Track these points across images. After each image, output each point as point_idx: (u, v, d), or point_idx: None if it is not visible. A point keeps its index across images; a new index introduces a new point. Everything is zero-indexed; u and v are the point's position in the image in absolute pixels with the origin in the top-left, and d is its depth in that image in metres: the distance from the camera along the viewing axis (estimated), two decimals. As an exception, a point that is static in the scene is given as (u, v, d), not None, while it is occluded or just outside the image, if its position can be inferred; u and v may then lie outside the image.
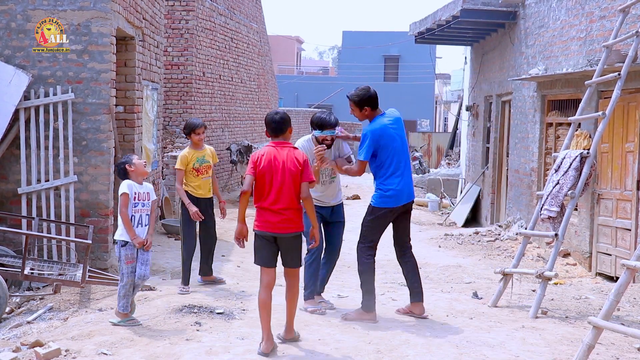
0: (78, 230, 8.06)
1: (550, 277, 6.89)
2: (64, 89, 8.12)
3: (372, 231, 6.30)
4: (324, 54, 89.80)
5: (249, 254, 7.33)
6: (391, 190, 6.18)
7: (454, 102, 36.38)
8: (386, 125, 6.21)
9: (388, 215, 6.28)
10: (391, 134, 6.19)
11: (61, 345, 5.29)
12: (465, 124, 18.90)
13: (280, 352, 5.25)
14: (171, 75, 15.87)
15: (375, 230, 6.31)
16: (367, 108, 6.24)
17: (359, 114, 6.29)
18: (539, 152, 11.60)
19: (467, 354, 5.34)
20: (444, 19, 14.52)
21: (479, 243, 12.04)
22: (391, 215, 6.30)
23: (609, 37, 8.39)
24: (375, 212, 6.26)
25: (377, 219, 6.27)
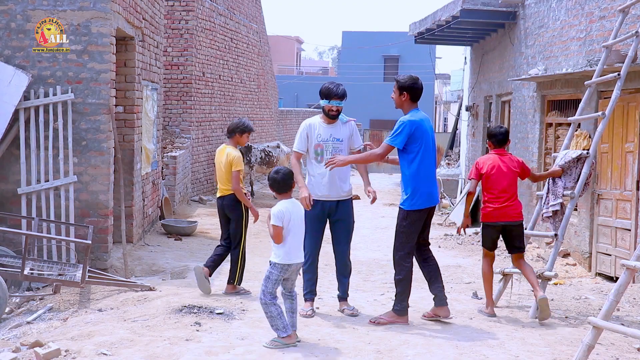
0: (78, 230, 8.06)
1: (550, 277, 6.89)
2: (63, 89, 8.12)
3: (409, 237, 6.16)
4: (323, 54, 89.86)
5: (248, 255, 7.36)
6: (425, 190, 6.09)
7: (454, 102, 36.38)
8: (422, 119, 6.14)
9: (423, 217, 6.18)
10: (427, 129, 6.12)
11: (61, 346, 5.29)
12: (465, 124, 18.89)
13: (280, 352, 5.25)
14: (171, 76, 15.87)
15: (413, 235, 6.17)
16: (407, 95, 6.15)
17: (397, 97, 6.20)
18: (539, 152, 11.60)
19: (467, 354, 5.34)
20: (443, 19, 14.52)
21: (479, 243, 12.03)
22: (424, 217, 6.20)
23: (608, 37, 8.39)
24: (411, 215, 6.12)
25: (413, 223, 6.14)
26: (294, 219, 5.48)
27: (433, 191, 6.14)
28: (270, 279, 5.47)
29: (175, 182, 13.93)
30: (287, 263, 5.46)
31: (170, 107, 15.90)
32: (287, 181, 5.55)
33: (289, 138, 27.98)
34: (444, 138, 32.24)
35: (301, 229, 5.59)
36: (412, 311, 6.68)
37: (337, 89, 6.42)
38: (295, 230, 5.49)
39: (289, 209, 5.48)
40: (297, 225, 5.51)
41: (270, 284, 5.46)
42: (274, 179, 5.56)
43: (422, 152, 6.06)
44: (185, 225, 11.81)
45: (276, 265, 5.46)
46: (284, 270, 5.47)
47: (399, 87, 6.19)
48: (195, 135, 16.48)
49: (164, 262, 9.35)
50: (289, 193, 5.56)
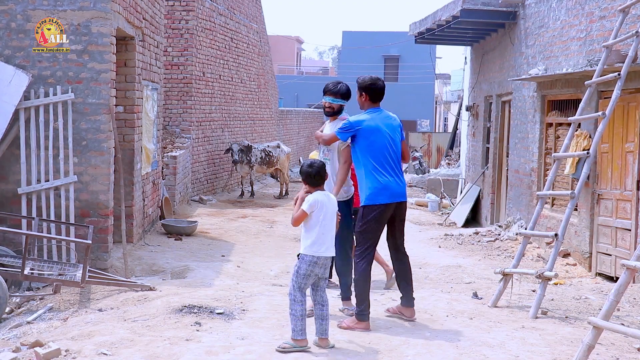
0: (78, 230, 8.06)
1: (550, 277, 6.88)
2: (64, 89, 8.12)
3: (366, 234, 6.12)
4: (323, 54, 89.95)
5: (249, 254, 7.37)
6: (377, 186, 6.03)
7: (454, 102, 36.39)
8: (370, 119, 6.16)
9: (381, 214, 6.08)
10: (377, 128, 6.13)
11: (61, 346, 5.29)
12: (465, 124, 18.90)
13: (280, 352, 5.25)
14: (171, 75, 15.87)
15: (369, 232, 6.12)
16: (366, 95, 6.25)
17: (358, 97, 6.31)
18: (539, 152, 11.60)
19: (467, 354, 5.34)
20: (443, 19, 14.52)
21: (479, 243, 12.04)
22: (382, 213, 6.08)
23: (609, 37, 8.39)
24: (366, 212, 6.07)
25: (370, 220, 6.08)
26: (326, 212, 5.44)
27: (394, 189, 6.03)
28: (299, 273, 5.35)
29: (175, 182, 13.93)
30: (315, 255, 5.35)
31: (170, 107, 15.90)
32: (321, 174, 5.52)
33: (289, 138, 27.98)
34: (444, 138, 32.30)
35: (332, 223, 5.50)
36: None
37: (331, 86, 6.50)
38: (326, 223, 5.42)
39: (324, 201, 5.45)
40: (329, 219, 5.45)
41: (300, 278, 5.33)
42: (309, 173, 5.51)
43: (371, 150, 6.05)
44: (186, 225, 11.82)
45: (305, 257, 5.36)
46: (312, 263, 5.33)
47: (358, 87, 6.30)
48: (196, 135, 16.48)
49: (164, 262, 9.35)
50: (322, 186, 5.56)
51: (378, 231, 6.10)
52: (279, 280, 8.73)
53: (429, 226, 14.93)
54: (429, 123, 45.79)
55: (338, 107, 6.51)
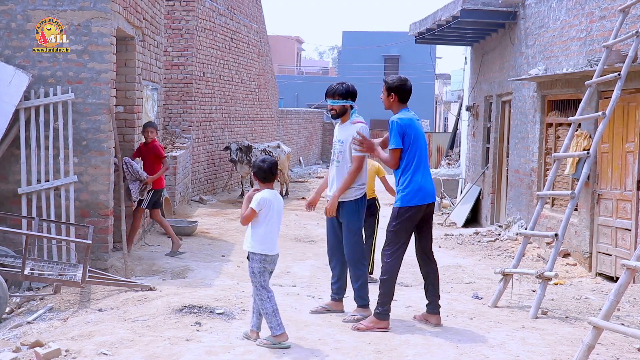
0: (78, 230, 8.06)
1: (550, 277, 6.89)
2: (64, 89, 8.12)
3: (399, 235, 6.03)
4: (324, 54, 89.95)
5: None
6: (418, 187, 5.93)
7: (454, 102, 36.39)
8: (412, 118, 6.15)
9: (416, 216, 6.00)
10: (417, 127, 6.10)
11: (61, 346, 5.29)
12: (465, 124, 18.90)
13: (280, 352, 5.25)
14: (171, 76, 15.87)
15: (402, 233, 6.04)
16: (395, 96, 6.20)
17: (386, 99, 6.21)
18: (539, 152, 11.60)
19: (467, 354, 5.34)
20: (444, 19, 14.52)
21: (479, 243, 12.04)
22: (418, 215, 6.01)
23: (609, 37, 8.39)
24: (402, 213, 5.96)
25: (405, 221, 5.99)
26: (274, 210, 5.53)
27: (428, 189, 5.98)
28: (255, 272, 5.47)
29: (175, 182, 13.93)
30: (264, 253, 5.48)
31: (170, 107, 15.90)
32: (273, 170, 5.63)
33: (289, 138, 27.98)
34: (444, 138, 32.28)
35: (279, 221, 5.62)
36: (413, 311, 6.69)
37: (329, 88, 6.39)
38: (274, 222, 5.54)
39: (271, 199, 5.54)
40: (276, 217, 5.56)
41: (258, 277, 5.46)
42: (260, 167, 5.61)
43: (413, 149, 5.98)
44: (186, 225, 11.82)
45: (255, 256, 5.49)
46: (263, 261, 5.48)
47: (387, 88, 6.21)
48: (196, 135, 16.48)
49: (164, 262, 9.35)
50: (272, 183, 5.65)
51: (410, 231, 6.08)
52: (278, 280, 8.73)
53: (429, 226, 14.90)
54: (429, 123, 45.77)
55: (340, 108, 6.33)
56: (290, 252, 10.89)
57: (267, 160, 5.67)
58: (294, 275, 9.14)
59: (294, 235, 12.53)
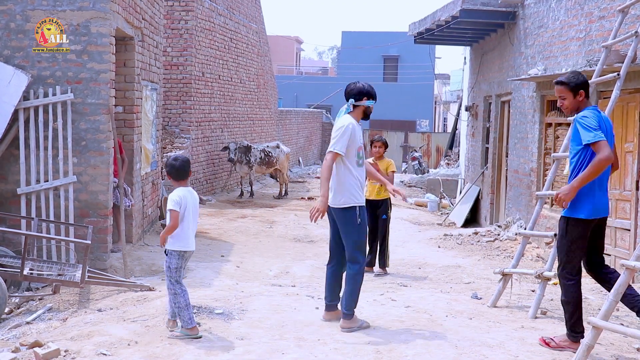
0: (77, 230, 8.06)
1: (549, 277, 6.88)
2: (63, 89, 8.12)
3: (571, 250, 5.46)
4: (323, 54, 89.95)
5: (248, 254, 7.36)
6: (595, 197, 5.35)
7: (454, 102, 36.40)
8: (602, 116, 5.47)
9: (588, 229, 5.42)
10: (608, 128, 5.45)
11: (60, 346, 5.29)
12: (465, 124, 18.91)
13: (279, 353, 5.25)
14: (170, 76, 15.87)
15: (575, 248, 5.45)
16: (583, 93, 5.52)
17: (572, 101, 5.53)
18: (539, 153, 11.60)
19: (467, 354, 5.34)
20: (443, 19, 14.53)
21: (479, 243, 12.04)
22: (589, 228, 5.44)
23: (608, 37, 8.39)
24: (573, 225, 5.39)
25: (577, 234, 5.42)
26: (189, 207, 5.68)
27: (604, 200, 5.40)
28: (172, 268, 5.66)
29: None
30: (183, 250, 5.67)
31: (169, 107, 15.90)
32: (185, 169, 5.74)
33: (288, 138, 27.98)
34: (443, 138, 32.32)
35: (195, 218, 5.78)
36: (412, 311, 6.69)
37: (371, 87, 6.14)
38: (189, 219, 5.69)
39: (186, 196, 5.68)
40: (192, 213, 5.71)
41: (173, 273, 5.66)
42: (172, 166, 5.70)
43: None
44: (185, 225, 11.78)
45: (173, 253, 5.66)
46: (180, 257, 5.67)
47: (575, 86, 5.53)
48: (195, 135, 16.48)
49: (164, 262, 9.33)
50: (186, 181, 5.77)
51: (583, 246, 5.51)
52: (278, 281, 8.73)
53: (428, 226, 14.92)
54: (429, 123, 45.80)
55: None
56: (290, 252, 10.89)
57: (179, 159, 5.76)
58: (293, 275, 9.14)
59: (294, 236, 12.53)
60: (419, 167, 27.77)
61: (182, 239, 5.67)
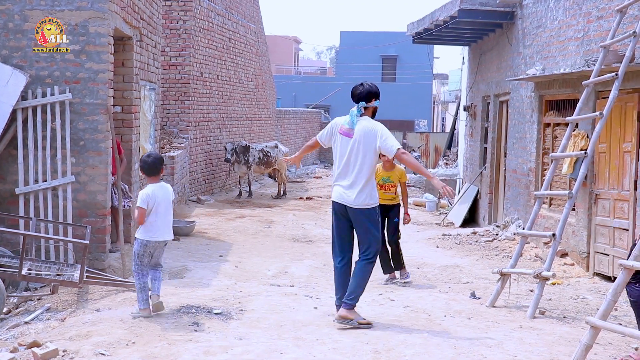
0: (76, 230, 8.05)
1: (547, 277, 6.89)
2: (61, 89, 8.11)
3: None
4: (321, 54, 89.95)
5: (246, 254, 7.38)
6: None
7: (452, 102, 36.43)
8: None
9: None
10: None
11: (59, 346, 5.29)
12: (463, 124, 18.91)
13: (278, 353, 5.25)
14: (169, 76, 15.86)
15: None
16: None
17: None
18: (537, 152, 11.61)
19: (465, 354, 5.34)
20: (441, 19, 14.53)
21: (477, 243, 12.05)
22: None
23: (606, 37, 8.40)
24: None
25: None
26: (159, 201, 6.23)
27: None
28: (135, 253, 6.31)
29: (173, 182, 13.93)
30: (145, 239, 6.25)
31: (168, 107, 15.89)
32: (157, 165, 6.27)
33: (287, 138, 27.97)
34: (442, 138, 32.32)
35: (168, 210, 6.34)
36: (411, 311, 6.69)
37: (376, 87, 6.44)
38: (159, 211, 6.25)
39: (155, 192, 6.21)
40: (162, 207, 6.26)
41: (137, 258, 6.30)
42: (145, 162, 6.24)
43: None
44: (183, 225, 11.81)
45: (137, 240, 6.29)
46: (143, 246, 6.25)
47: None
48: (194, 135, 16.48)
49: (162, 262, 9.32)
50: (157, 177, 6.28)
51: None
52: (276, 280, 8.73)
53: (426, 226, 14.93)
54: (427, 123, 45.81)
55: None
56: (288, 252, 10.89)
57: (151, 155, 6.30)
58: (291, 275, 9.14)
59: (292, 236, 12.53)
60: (418, 167, 27.73)
61: (148, 231, 6.22)
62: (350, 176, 6.11)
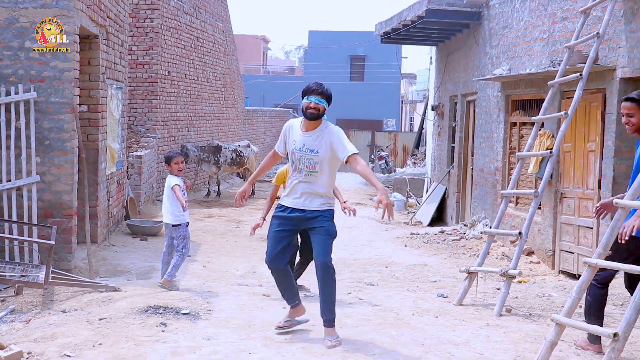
0: (41, 231, 7.95)
1: (514, 276, 6.96)
2: (26, 87, 8.00)
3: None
4: (290, 54, 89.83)
5: (215, 254, 7.35)
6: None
7: (420, 101, 36.60)
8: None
9: None
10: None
11: (23, 348, 5.21)
12: (431, 123, 19.02)
13: (246, 353, 5.24)
14: (136, 74, 15.73)
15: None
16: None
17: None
18: (504, 152, 11.72)
19: (433, 352, 5.38)
20: (409, 19, 14.60)
21: (445, 242, 12.13)
22: None
23: (571, 38, 8.51)
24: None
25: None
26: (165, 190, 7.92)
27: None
28: None
29: (140, 181, 13.82)
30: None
31: (135, 106, 15.75)
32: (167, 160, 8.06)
33: (256, 137, 27.90)
34: (410, 137, 32.47)
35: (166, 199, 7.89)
36: (379, 310, 6.70)
37: (316, 86, 5.66)
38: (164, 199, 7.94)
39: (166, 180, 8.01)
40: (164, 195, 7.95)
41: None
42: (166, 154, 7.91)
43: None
44: (151, 225, 11.72)
45: None
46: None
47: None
48: (161, 134, 16.35)
49: (129, 262, 9.27)
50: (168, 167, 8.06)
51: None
52: (245, 280, 8.70)
53: (395, 225, 14.99)
54: (395, 122, 46.01)
55: (323, 109, 5.63)
56: (257, 252, 10.85)
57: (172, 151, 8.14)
58: (260, 275, 9.12)
59: (261, 235, 12.39)
60: (386, 166, 27.87)
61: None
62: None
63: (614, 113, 8.22)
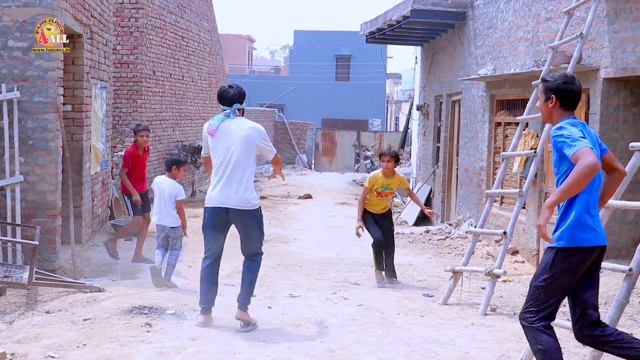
0: (25, 231, 7.90)
1: (499, 275, 6.99)
2: (9, 87, 7.95)
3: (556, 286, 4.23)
4: (275, 53, 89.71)
5: (201, 254, 7.29)
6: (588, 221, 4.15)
7: (405, 101, 36.69)
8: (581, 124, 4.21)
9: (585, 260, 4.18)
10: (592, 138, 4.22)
11: (6, 349, 5.18)
12: (416, 123, 19.07)
13: (231, 352, 5.23)
14: (120, 74, 15.66)
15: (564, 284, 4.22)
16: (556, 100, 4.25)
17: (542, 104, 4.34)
18: (488, 151, 11.77)
19: (418, 351, 5.39)
20: (394, 19, 14.64)
21: (430, 241, 12.16)
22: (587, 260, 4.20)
23: (554, 38, 8.56)
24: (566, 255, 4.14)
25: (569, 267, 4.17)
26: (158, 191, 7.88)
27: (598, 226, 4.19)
28: None
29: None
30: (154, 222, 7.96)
31: (120, 106, 15.69)
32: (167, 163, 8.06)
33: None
34: (395, 137, 32.54)
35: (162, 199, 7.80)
36: (365, 309, 6.71)
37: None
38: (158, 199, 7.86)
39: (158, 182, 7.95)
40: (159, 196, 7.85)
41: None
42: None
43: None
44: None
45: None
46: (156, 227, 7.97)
47: (546, 88, 4.35)
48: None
49: (114, 262, 9.22)
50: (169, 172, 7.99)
51: (572, 285, 4.28)
52: (230, 280, 8.67)
53: (380, 225, 15.00)
54: (380, 122, 46.07)
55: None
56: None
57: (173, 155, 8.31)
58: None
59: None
60: (371, 166, 27.90)
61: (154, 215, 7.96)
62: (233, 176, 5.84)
63: (598, 113, 8.28)
